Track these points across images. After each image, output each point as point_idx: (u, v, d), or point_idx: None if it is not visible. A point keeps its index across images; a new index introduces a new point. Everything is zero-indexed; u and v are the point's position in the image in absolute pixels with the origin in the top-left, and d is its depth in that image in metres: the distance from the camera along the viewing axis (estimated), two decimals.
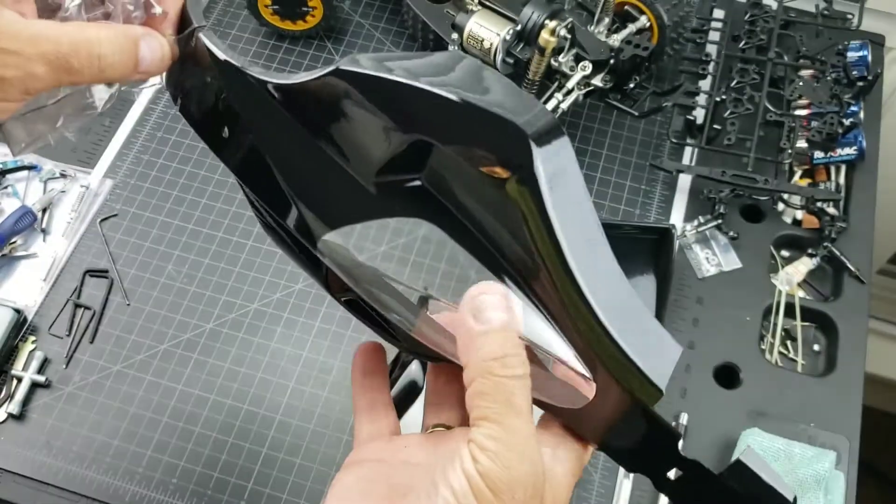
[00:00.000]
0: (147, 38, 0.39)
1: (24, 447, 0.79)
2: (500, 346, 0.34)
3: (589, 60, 0.86)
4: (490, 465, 0.32)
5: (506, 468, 0.32)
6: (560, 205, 0.34)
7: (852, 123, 0.90)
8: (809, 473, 0.75)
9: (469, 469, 0.33)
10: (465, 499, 0.32)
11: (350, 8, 1.07)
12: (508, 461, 0.32)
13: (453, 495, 0.33)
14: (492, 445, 0.33)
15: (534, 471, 0.33)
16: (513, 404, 0.33)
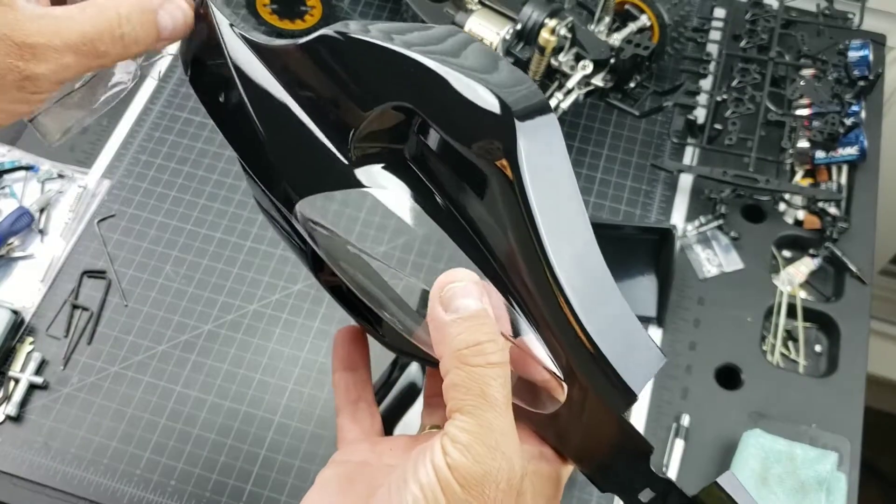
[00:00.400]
0: (166, 5, 0.39)
1: (22, 449, 0.78)
2: (471, 334, 0.32)
3: (589, 60, 0.86)
4: (460, 458, 0.31)
5: (476, 462, 0.31)
6: (540, 185, 0.32)
7: (854, 123, 0.90)
8: (811, 475, 0.74)
9: (438, 462, 0.31)
10: (432, 493, 0.31)
11: (349, 7, 1.07)
12: (479, 455, 0.31)
13: (420, 489, 0.31)
14: (463, 438, 0.31)
15: (508, 466, 0.31)
16: (487, 395, 0.32)
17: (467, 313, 0.33)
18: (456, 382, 0.32)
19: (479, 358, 0.32)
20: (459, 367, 0.32)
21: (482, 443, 0.31)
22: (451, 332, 0.33)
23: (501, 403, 0.32)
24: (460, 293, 0.33)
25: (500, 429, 0.31)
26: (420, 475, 0.32)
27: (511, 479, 0.31)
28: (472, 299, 0.33)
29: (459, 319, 0.33)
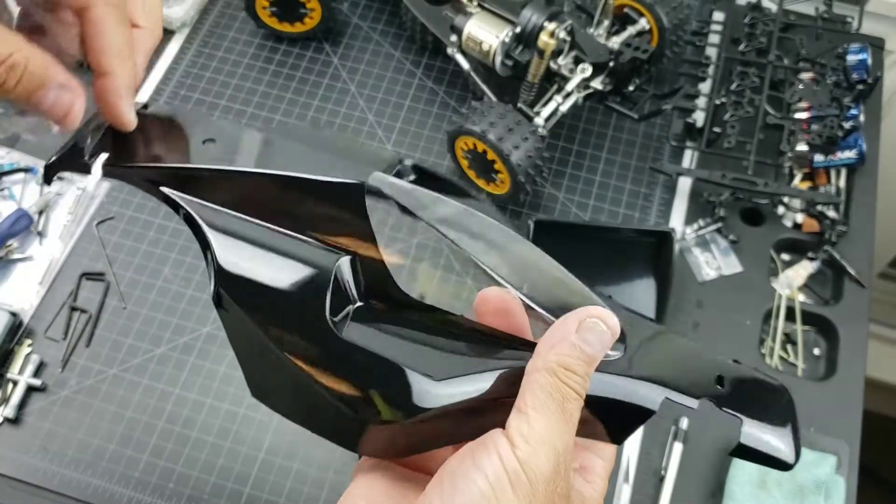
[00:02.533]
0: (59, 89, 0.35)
1: (20, 451, 0.78)
2: (576, 363, 0.34)
3: (588, 63, 0.86)
4: (531, 453, 0.31)
5: (547, 460, 0.31)
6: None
7: (852, 127, 0.90)
8: (810, 478, 0.74)
9: (506, 454, 0.32)
10: (500, 484, 0.31)
11: (348, 10, 1.07)
12: (550, 455, 0.32)
13: (487, 481, 0.31)
14: (535, 436, 0.32)
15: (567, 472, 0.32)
16: (565, 409, 0.33)
17: (589, 350, 0.34)
18: (542, 383, 0.33)
19: (570, 380, 0.33)
20: (551, 374, 0.33)
21: (553, 444, 0.32)
22: (565, 347, 0.34)
23: (572, 421, 0.33)
24: (599, 333, 0.35)
25: (565, 443, 0.33)
26: (486, 467, 0.32)
27: (567, 484, 0.32)
28: (601, 346, 0.35)
29: (580, 347, 0.34)
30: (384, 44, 1.05)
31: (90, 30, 0.33)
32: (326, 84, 1.01)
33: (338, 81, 1.02)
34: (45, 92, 0.34)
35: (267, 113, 0.99)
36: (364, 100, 1.00)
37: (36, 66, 0.34)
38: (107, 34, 0.33)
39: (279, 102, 1.00)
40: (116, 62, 0.34)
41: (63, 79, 0.34)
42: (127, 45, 0.34)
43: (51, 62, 0.34)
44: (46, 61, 0.34)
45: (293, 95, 1.00)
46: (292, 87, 1.01)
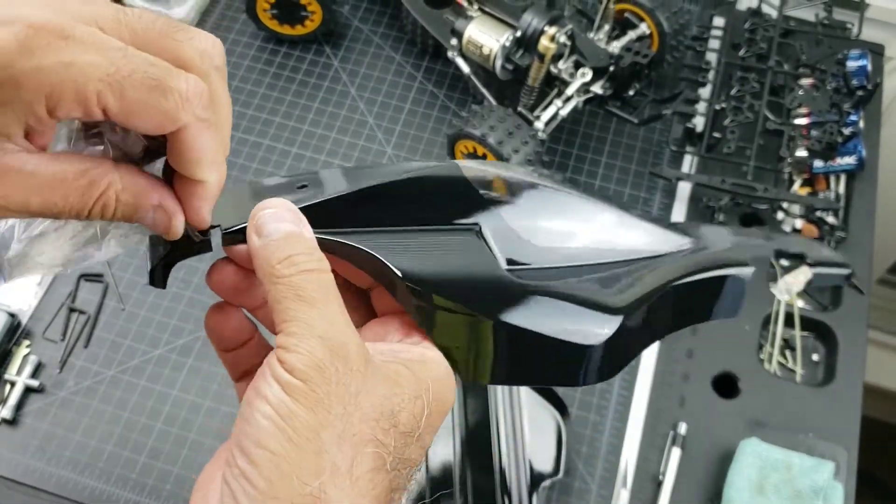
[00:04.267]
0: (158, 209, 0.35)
1: (17, 452, 0.78)
2: (282, 250, 0.33)
3: (588, 67, 0.86)
4: (294, 358, 0.31)
5: (309, 353, 0.31)
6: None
7: (852, 133, 0.90)
8: (808, 484, 0.74)
9: (276, 371, 0.31)
10: (278, 400, 0.31)
11: (349, 13, 1.07)
12: (310, 347, 0.31)
13: (268, 402, 0.31)
14: (292, 341, 0.31)
15: (342, 348, 0.31)
16: (303, 297, 0.32)
17: (279, 235, 0.34)
18: (276, 297, 0.33)
19: (291, 268, 0.33)
20: (275, 282, 0.33)
21: (310, 337, 0.31)
22: (263, 254, 0.33)
23: (321, 299, 0.32)
24: (271, 219, 0.34)
25: (327, 320, 0.32)
26: (264, 391, 0.31)
27: (347, 358, 0.31)
28: (284, 223, 0.34)
29: (271, 241, 0.33)
30: (384, 47, 1.05)
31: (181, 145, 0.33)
32: (327, 87, 1.01)
33: (338, 84, 1.02)
34: (143, 215, 0.34)
35: (267, 115, 0.99)
36: (364, 103, 1.00)
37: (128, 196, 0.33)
38: (199, 147, 0.33)
39: (279, 105, 1.00)
40: (209, 172, 0.34)
41: (157, 200, 0.34)
42: (220, 153, 0.34)
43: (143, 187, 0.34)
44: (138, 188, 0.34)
45: (293, 98, 1.00)
46: (292, 89, 1.01)
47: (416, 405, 0.33)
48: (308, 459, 0.30)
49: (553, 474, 0.73)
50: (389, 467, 0.31)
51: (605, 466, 0.79)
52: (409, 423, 0.32)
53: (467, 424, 0.72)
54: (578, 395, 0.82)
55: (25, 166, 0.31)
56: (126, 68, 0.30)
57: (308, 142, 0.97)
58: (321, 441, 0.30)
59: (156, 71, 0.31)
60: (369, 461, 0.31)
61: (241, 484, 0.31)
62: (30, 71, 0.28)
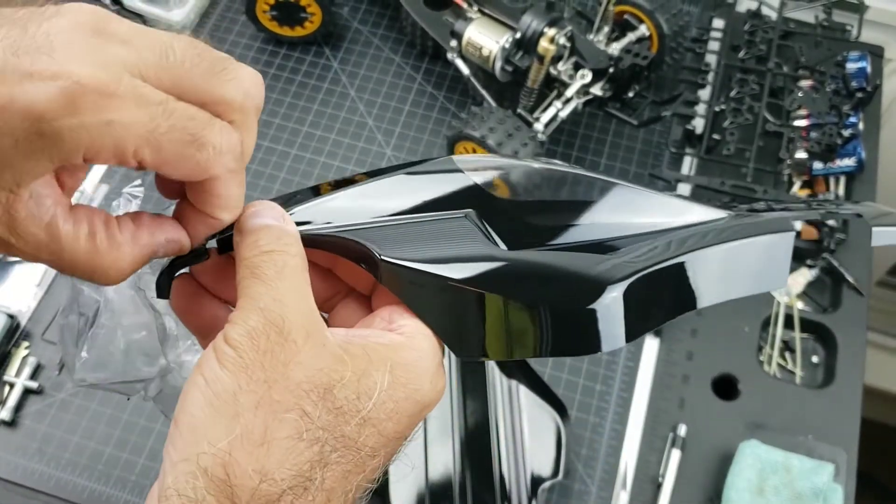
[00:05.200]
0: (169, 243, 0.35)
1: (16, 454, 0.78)
2: (251, 237, 0.34)
3: (588, 69, 0.86)
4: (231, 328, 0.31)
5: (244, 322, 0.31)
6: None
7: (851, 134, 0.90)
8: (808, 486, 0.74)
9: (217, 342, 0.31)
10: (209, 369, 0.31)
11: (348, 14, 1.07)
12: (247, 317, 0.31)
13: (201, 372, 0.31)
14: (236, 314, 0.32)
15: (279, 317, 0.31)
16: (256, 275, 0.33)
17: (256, 227, 0.34)
18: (238, 280, 0.33)
19: (252, 250, 0.33)
20: (239, 265, 0.33)
21: (251, 309, 0.32)
22: (240, 246, 0.34)
23: (273, 277, 0.33)
24: (251, 216, 0.35)
25: (272, 295, 0.32)
26: (201, 361, 0.32)
27: (283, 329, 0.31)
28: (263, 218, 0.35)
29: (249, 232, 0.34)
30: (384, 48, 1.05)
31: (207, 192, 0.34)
32: (326, 88, 1.01)
33: (337, 86, 1.02)
34: (154, 255, 0.35)
35: (266, 116, 0.99)
36: (364, 104, 1.00)
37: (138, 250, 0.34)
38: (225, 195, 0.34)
39: (279, 106, 1.00)
40: (227, 214, 0.35)
41: (164, 238, 0.35)
42: (241, 199, 0.35)
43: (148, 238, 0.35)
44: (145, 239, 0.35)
45: (293, 99, 1.00)
46: (292, 90, 1.01)
47: (362, 384, 0.32)
48: (221, 422, 0.30)
49: (552, 476, 0.73)
50: (307, 436, 0.31)
51: (604, 468, 0.79)
52: (350, 402, 0.32)
53: (466, 426, 0.72)
54: (578, 397, 0.82)
55: (43, 216, 0.31)
56: (165, 125, 0.30)
57: (307, 143, 0.97)
58: (238, 405, 0.30)
59: (194, 126, 0.31)
60: (286, 428, 0.30)
61: (166, 451, 0.31)
62: (73, 127, 0.29)
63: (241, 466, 0.30)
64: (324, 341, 0.32)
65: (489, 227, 0.38)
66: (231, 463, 0.30)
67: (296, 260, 0.34)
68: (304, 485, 0.30)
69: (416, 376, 0.34)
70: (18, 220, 0.31)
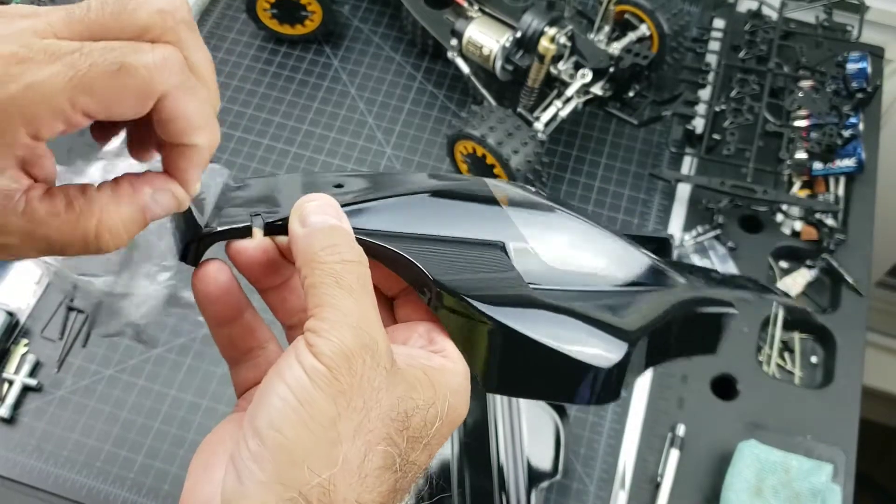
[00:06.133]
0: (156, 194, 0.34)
1: (15, 451, 0.78)
2: (325, 237, 0.33)
3: (588, 68, 0.86)
4: (323, 343, 0.30)
5: (341, 341, 0.30)
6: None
7: (851, 135, 0.90)
8: (806, 486, 0.74)
9: (302, 354, 0.31)
10: (298, 383, 0.30)
11: (349, 13, 1.07)
12: (342, 336, 0.31)
13: (287, 385, 0.30)
14: (324, 326, 0.31)
15: (371, 342, 0.31)
16: (342, 284, 0.32)
17: (323, 226, 0.34)
18: (312, 283, 0.32)
19: (333, 256, 0.33)
20: (315, 267, 0.33)
21: (343, 325, 0.31)
22: (306, 241, 0.34)
23: (358, 290, 0.32)
24: (315, 210, 0.34)
25: (360, 312, 0.32)
26: (286, 373, 0.31)
27: (376, 353, 0.31)
28: (327, 216, 0.34)
29: (316, 230, 0.34)
30: (384, 47, 1.05)
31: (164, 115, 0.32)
32: (326, 87, 1.01)
33: (338, 84, 1.02)
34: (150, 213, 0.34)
35: (266, 115, 0.99)
36: (364, 103, 1.00)
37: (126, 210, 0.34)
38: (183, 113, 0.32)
39: (279, 104, 1.00)
40: (197, 136, 0.33)
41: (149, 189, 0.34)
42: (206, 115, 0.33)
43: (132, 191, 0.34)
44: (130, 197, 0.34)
45: (293, 98, 1.00)
46: (292, 89, 1.01)
47: (430, 412, 0.33)
48: (322, 449, 0.30)
49: (551, 475, 0.73)
50: (398, 468, 0.31)
51: (603, 468, 0.79)
52: (420, 429, 0.32)
53: (466, 425, 0.72)
54: None
55: (18, 206, 0.31)
56: (84, 65, 0.29)
57: (307, 141, 0.97)
58: (337, 432, 0.30)
59: (115, 55, 0.30)
60: (380, 459, 0.31)
61: (248, 466, 0.30)
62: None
63: (341, 495, 0.30)
64: (399, 366, 0.33)
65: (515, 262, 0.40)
66: (332, 492, 0.30)
67: (369, 272, 0.34)
68: None
69: (460, 401, 0.34)
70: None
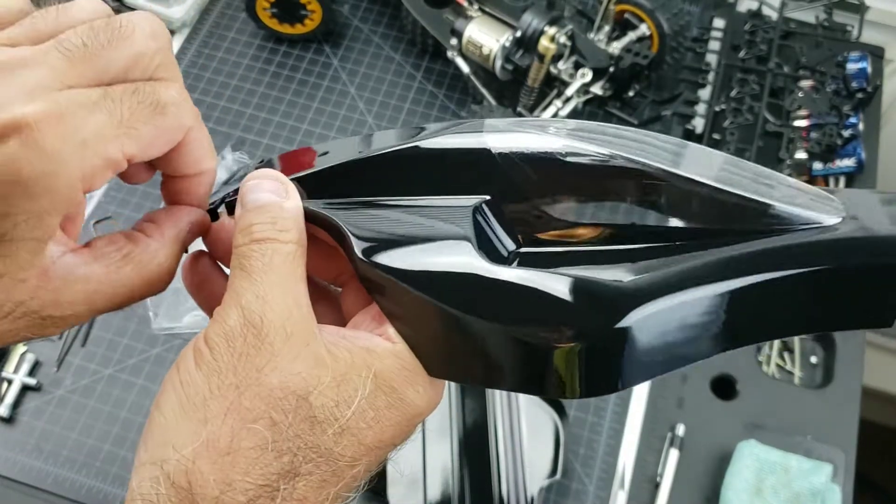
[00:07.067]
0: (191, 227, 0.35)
1: (14, 451, 0.78)
2: (247, 219, 0.32)
3: (588, 68, 0.86)
4: (211, 326, 0.31)
5: (223, 322, 0.30)
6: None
7: (851, 135, 0.90)
8: (806, 486, 0.74)
9: (197, 339, 0.31)
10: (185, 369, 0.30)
11: (349, 12, 1.07)
12: (226, 316, 0.30)
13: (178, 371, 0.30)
14: (219, 309, 0.31)
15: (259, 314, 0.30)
16: (244, 267, 0.31)
17: (253, 205, 0.33)
18: (230, 267, 0.32)
19: (245, 237, 0.32)
20: (233, 251, 0.32)
21: (231, 305, 0.31)
22: (238, 224, 0.33)
23: (258, 270, 0.31)
24: (252, 189, 0.33)
25: (254, 291, 0.31)
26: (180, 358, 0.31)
27: (261, 331, 0.30)
28: (263, 193, 0.33)
29: (245, 212, 0.33)
30: (384, 46, 1.05)
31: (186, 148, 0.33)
32: (326, 86, 1.01)
33: (337, 83, 1.01)
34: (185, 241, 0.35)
35: (266, 114, 0.99)
36: (364, 102, 1.00)
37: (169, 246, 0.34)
38: (200, 142, 0.33)
39: (278, 104, 1.00)
40: (211, 161, 0.34)
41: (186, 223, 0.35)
42: (212, 145, 0.35)
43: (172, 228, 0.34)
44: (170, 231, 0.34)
45: (293, 97, 1.00)
46: (292, 88, 1.01)
47: (342, 391, 0.30)
48: (188, 427, 0.29)
49: (550, 475, 0.73)
50: (273, 448, 0.29)
51: (602, 468, 0.79)
52: (327, 409, 0.30)
53: (465, 425, 0.72)
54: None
55: (77, 271, 0.31)
56: (124, 110, 0.29)
57: (307, 141, 0.97)
58: (207, 410, 0.29)
59: (144, 95, 0.30)
60: (253, 438, 0.29)
61: (138, 449, 0.31)
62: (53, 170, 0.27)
63: (204, 475, 0.29)
64: (308, 340, 0.31)
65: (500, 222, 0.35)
66: (194, 471, 0.29)
67: (288, 248, 0.32)
68: (271, 495, 0.29)
69: (400, 384, 0.32)
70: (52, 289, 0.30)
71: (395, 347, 0.32)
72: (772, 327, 0.33)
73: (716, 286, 0.31)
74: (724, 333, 0.31)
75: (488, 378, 0.33)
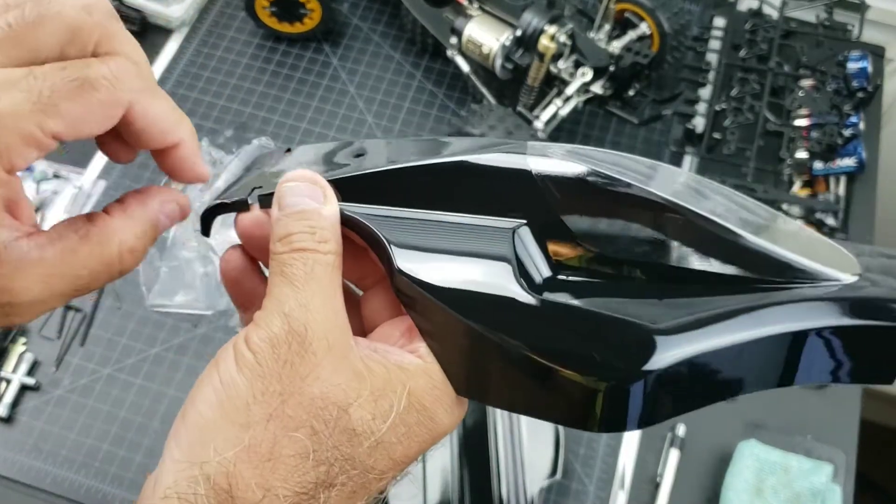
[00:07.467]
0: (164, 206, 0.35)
1: (12, 450, 0.78)
2: (286, 226, 0.32)
3: (589, 67, 0.86)
4: (254, 331, 0.30)
5: (267, 328, 0.30)
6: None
7: (852, 134, 0.90)
8: (806, 486, 0.74)
9: (237, 343, 0.31)
10: (226, 371, 0.30)
11: (348, 11, 1.07)
12: (270, 322, 0.30)
13: (217, 372, 0.30)
14: (261, 315, 0.31)
15: (304, 323, 0.30)
16: (286, 274, 0.31)
17: (292, 210, 0.33)
18: (269, 273, 0.32)
19: (285, 246, 0.32)
20: (271, 258, 0.32)
21: (275, 313, 0.31)
22: (275, 228, 0.33)
23: (301, 278, 0.31)
24: (290, 192, 0.33)
25: (298, 299, 0.31)
26: (219, 361, 0.31)
27: (305, 340, 0.30)
28: (302, 197, 0.33)
29: (284, 216, 0.33)
30: (384, 45, 1.04)
31: (139, 123, 0.32)
32: (326, 85, 1.01)
33: (337, 82, 1.01)
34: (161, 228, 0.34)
35: (265, 113, 0.99)
36: (363, 101, 1.00)
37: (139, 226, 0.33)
38: (155, 115, 0.32)
39: (278, 103, 0.99)
40: (178, 130, 0.33)
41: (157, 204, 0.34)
42: (173, 109, 0.33)
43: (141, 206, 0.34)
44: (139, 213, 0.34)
45: (292, 96, 1.00)
46: (291, 87, 1.01)
47: (379, 405, 0.31)
48: (230, 430, 0.29)
49: (550, 475, 0.73)
50: (313, 457, 0.30)
51: (602, 468, 0.78)
52: (365, 422, 0.30)
53: (465, 424, 0.72)
54: None
55: (30, 255, 0.30)
56: (44, 87, 0.28)
57: (306, 140, 0.97)
58: (249, 415, 0.30)
59: (71, 72, 0.29)
60: (295, 446, 0.30)
61: (169, 444, 0.31)
62: None
63: (245, 479, 0.29)
64: (346, 353, 0.31)
65: (538, 247, 0.35)
66: (235, 474, 0.29)
67: (328, 258, 0.32)
68: (308, 503, 0.30)
69: (430, 403, 0.32)
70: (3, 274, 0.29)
71: (427, 366, 0.33)
72: (785, 376, 0.33)
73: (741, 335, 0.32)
74: (739, 381, 0.33)
75: (513, 402, 0.33)
